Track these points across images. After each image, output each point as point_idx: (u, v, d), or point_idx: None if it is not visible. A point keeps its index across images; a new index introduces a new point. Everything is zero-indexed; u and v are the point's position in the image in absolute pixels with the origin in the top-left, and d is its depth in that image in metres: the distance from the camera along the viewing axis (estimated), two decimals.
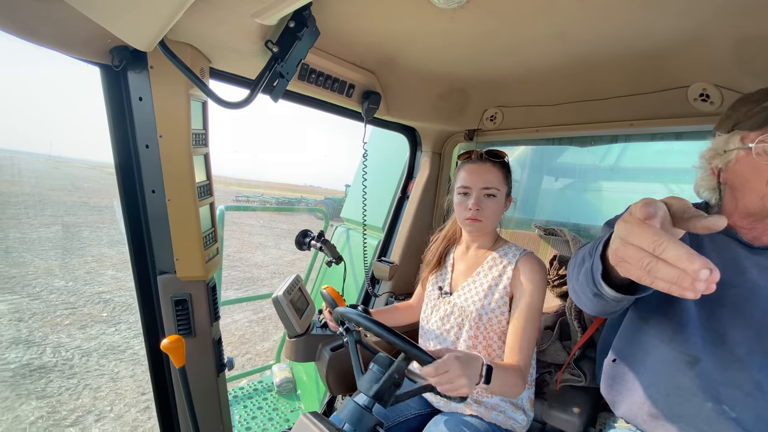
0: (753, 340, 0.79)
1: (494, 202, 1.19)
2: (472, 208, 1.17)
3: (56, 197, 18.03)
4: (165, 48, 0.81)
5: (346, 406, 0.86)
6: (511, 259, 1.18)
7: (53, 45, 0.83)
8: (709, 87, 1.16)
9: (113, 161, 1.01)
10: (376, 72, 1.43)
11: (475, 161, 1.22)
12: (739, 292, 0.81)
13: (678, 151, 1.51)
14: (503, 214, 1.25)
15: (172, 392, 1.18)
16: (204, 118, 1.05)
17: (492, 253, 1.24)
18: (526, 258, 1.17)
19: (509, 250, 1.22)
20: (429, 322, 1.32)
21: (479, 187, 1.18)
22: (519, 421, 1.17)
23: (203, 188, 1.06)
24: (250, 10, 0.80)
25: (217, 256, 1.17)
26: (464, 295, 1.24)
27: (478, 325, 1.19)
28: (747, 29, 0.96)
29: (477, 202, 1.17)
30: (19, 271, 6.21)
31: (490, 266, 1.22)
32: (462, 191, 1.22)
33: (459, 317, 1.22)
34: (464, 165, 1.24)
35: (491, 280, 1.19)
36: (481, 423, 1.13)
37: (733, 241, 0.85)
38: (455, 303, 1.24)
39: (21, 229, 9.65)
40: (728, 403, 0.80)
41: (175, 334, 1.05)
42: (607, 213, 1.69)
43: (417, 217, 2.02)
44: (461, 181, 1.22)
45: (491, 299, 1.18)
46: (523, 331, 1.09)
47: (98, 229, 10.86)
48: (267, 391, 2.66)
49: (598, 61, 1.23)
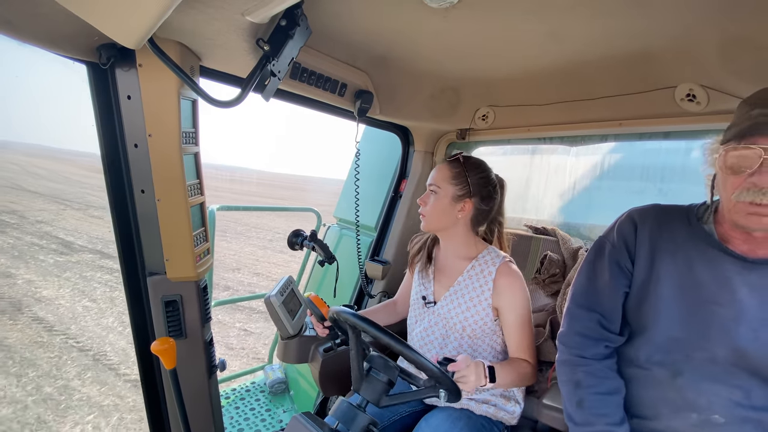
0: (740, 359, 0.79)
1: (434, 198, 1.24)
2: (420, 203, 1.28)
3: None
4: (154, 46, 0.79)
5: (339, 405, 0.86)
6: (490, 269, 1.21)
7: (37, 42, 0.81)
8: (695, 87, 1.18)
9: (101, 160, 0.99)
10: (368, 71, 1.43)
11: (440, 162, 1.32)
12: (727, 312, 0.80)
13: (666, 149, 1.54)
14: (457, 216, 1.23)
15: (163, 394, 1.17)
16: (194, 116, 1.04)
17: (471, 262, 1.25)
18: (503, 271, 1.20)
19: (487, 258, 1.24)
20: (414, 331, 1.34)
21: (428, 184, 1.28)
22: (509, 411, 1.21)
23: (193, 187, 1.05)
24: (241, 8, 0.79)
25: (209, 256, 1.16)
26: (447, 306, 1.25)
27: (462, 336, 1.22)
28: (731, 32, 0.98)
29: (423, 198, 1.27)
30: None
31: (470, 276, 1.24)
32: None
33: (443, 328, 1.25)
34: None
35: (472, 291, 1.22)
36: (471, 416, 1.17)
37: (726, 257, 0.82)
38: (439, 314, 1.26)
39: None
40: (719, 412, 0.81)
41: (166, 336, 1.03)
42: (597, 212, 1.72)
43: (410, 217, 2.02)
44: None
45: (474, 311, 1.21)
46: (523, 337, 1.18)
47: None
48: (259, 392, 2.64)
49: (587, 61, 1.25)
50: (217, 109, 0.89)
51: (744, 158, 0.72)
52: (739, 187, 0.74)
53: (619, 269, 0.95)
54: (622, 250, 0.94)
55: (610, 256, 0.96)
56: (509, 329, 1.19)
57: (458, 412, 1.18)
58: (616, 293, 0.95)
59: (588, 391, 0.90)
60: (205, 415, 1.20)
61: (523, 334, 1.18)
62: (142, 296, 1.09)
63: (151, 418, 1.19)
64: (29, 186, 16.11)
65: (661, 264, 0.89)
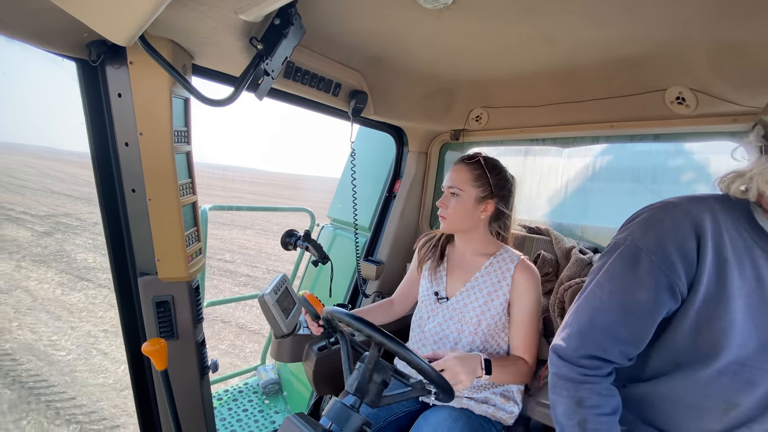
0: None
1: (457, 201, 1.23)
2: (440, 205, 1.27)
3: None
4: (145, 43, 0.78)
5: (333, 406, 0.86)
6: (509, 266, 1.24)
7: (26, 38, 0.80)
8: (684, 91, 1.20)
9: (91, 159, 0.97)
10: (362, 71, 1.42)
11: (457, 163, 1.29)
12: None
13: (656, 151, 1.56)
14: (479, 217, 1.25)
15: (154, 396, 1.15)
16: (186, 115, 1.03)
17: (489, 259, 1.27)
18: (522, 267, 1.23)
19: (505, 256, 1.27)
20: (425, 327, 1.32)
21: (447, 186, 1.27)
22: (508, 411, 1.22)
23: (185, 187, 1.04)
24: (234, 6, 0.79)
25: (201, 256, 1.15)
26: (463, 300, 1.26)
27: (477, 331, 1.22)
28: (720, 38, 1.00)
29: (443, 200, 1.26)
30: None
31: (488, 272, 1.26)
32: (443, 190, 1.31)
33: (459, 323, 1.25)
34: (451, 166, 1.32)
35: (490, 286, 1.23)
36: (471, 415, 1.17)
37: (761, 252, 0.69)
38: (454, 309, 1.27)
39: None
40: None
41: (157, 337, 1.02)
42: (590, 212, 1.73)
43: (404, 217, 2.02)
44: (444, 181, 1.31)
45: (491, 306, 1.22)
46: (527, 334, 1.20)
47: None
48: (252, 393, 2.62)
49: (580, 64, 1.26)
50: (209, 107, 0.89)
51: None
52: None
53: (669, 293, 0.72)
54: (676, 268, 0.71)
55: (653, 273, 0.72)
56: (516, 324, 1.21)
57: (458, 411, 1.17)
58: (654, 320, 0.75)
59: (592, 412, 0.76)
60: (196, 417, 1.19)
61: (528, 331, 1.20)
62: (133, 297, 1.07)
63: (142, 420, 1.18)
64: (59, 189, 16.00)
65: (732, 280, 0.69)
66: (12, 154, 42.98)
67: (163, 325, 1.06)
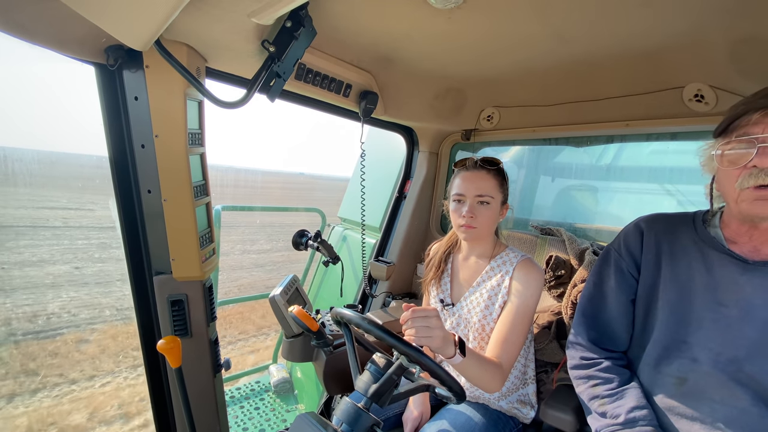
0: (744, 360, 0.79)
1: (488, 209, 1.17)
2: (465, 216, 1.17)
3: None
4: (161, 47, 0.80)
5: (343, 406, 0.86)
6: (509, 267, 1.20)
7: (47, 44, 0.82)
8: (704, 87, 1.17)
9: (108, 161, 1.00)
10: (373, 72, 1.43)
11: (470, 169, 1.21)
12: (732, 312, 0.81)
13: (674, 150, 1.52)
14: (500, 221, 1.25)
15: (169, 393, 1.18)
16: (200, 117, 1.05)
17: (491, 262, 1.24)
18: (521, 266, 1.18)
19: (508, 257, 1.23)
20: None
21: (473, 195, 1.17)
22: (524, 413, 1.23)
23: (199, 188, 1.05)
24: (247, 10, 0.80)
25: (214, 256, 1.17)
26: (467, 306, 1.25)
27: (482, 336, 1.21)
28: (741, 31, 0.97)
29: (471, 210, 1.16)
30: None
31: (489, 276, 1.23)
32: (457, 198, 1.20)
33: (465, 329, 1.25)
34: (459, 172, 1.23)
35: (491, 289, 1.20)
36: (488, 408, 1.22)
37: (731, 258, 0.83)
38: (459, 314, 1.26)
39: None
40: (723, 421, 0.80)
41: (171, 335, 1.04)
42: (604, 213, 1.70)
43: (414, 217, 2.02)
44: (456, 189, 1.21)
45: (492, 309, 1.20)
46: (508, 332, 1.10)
47: None
48: (264, 392, 2.65)
49: (594, 61, 1.24)
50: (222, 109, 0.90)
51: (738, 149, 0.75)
52: (740, 175, 0.75)
53: (624, 276, 0.98)
54: (628, 258, 0.98)
55: (616, 263, 0.99)
56: (504, 316, 1.13)
57: (475, 404, 1.22)
58: (622, 299, 0.98)
59: (604, 387, 0.94)
60: (210, 414, 1.21)
61: (514, 326, 1.10)
62: (149, 295, 1.10)
63: (157, 415, 1.20)
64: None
65: (667, 269, 0.91)
66: (59, 166, 44.05)
67: (178, 324, 1.08)
